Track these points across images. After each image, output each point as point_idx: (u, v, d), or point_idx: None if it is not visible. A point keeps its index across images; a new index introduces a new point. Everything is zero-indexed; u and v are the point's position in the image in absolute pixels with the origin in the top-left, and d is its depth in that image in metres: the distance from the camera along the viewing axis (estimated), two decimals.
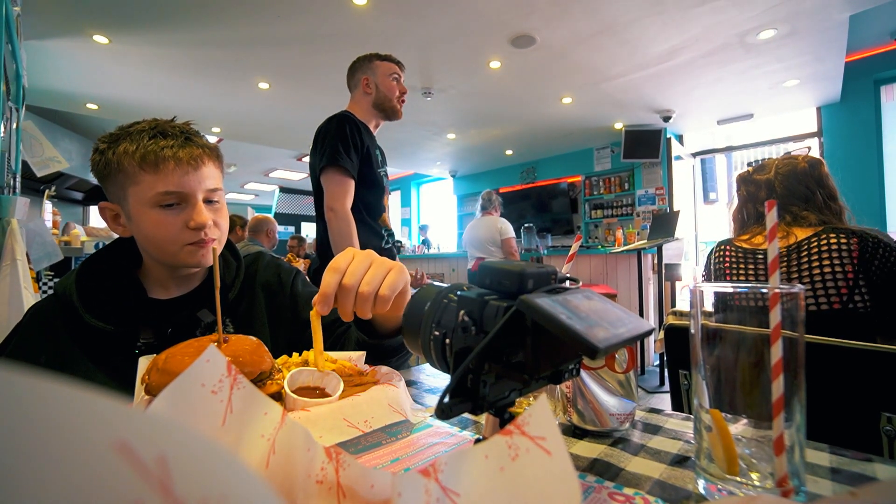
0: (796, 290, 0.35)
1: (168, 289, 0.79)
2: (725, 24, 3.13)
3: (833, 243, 1.07)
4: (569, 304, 0.29)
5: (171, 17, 3.02)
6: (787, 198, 1.21)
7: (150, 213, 0.70)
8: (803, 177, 1.21)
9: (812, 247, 1.10)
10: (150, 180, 0.69)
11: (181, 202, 0.71)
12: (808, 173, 1.21)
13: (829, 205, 1.19)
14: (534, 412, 0.23)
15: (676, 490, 0.38)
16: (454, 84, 4.16)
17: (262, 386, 0.50)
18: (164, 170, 0.69)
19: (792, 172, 1.22)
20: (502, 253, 3.72)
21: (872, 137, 4.39)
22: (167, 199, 0.70)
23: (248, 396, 0.30)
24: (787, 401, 0.33)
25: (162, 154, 0.68)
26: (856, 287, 1.04)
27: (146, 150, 0.68)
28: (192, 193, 0.71)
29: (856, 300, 1.04)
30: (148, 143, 0.69)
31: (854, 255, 1.05)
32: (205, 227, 0.72)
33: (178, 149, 0.70)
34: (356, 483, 0.28)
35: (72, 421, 0.11)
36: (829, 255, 1.07)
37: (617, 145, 5.77)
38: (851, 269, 1.04)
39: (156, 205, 0.70)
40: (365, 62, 1.72)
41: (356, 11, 2.97)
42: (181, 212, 0.71)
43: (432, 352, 0.35)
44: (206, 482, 0.12)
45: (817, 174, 1.21)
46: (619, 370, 0.48)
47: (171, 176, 0.69)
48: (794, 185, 1.21)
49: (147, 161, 0.68)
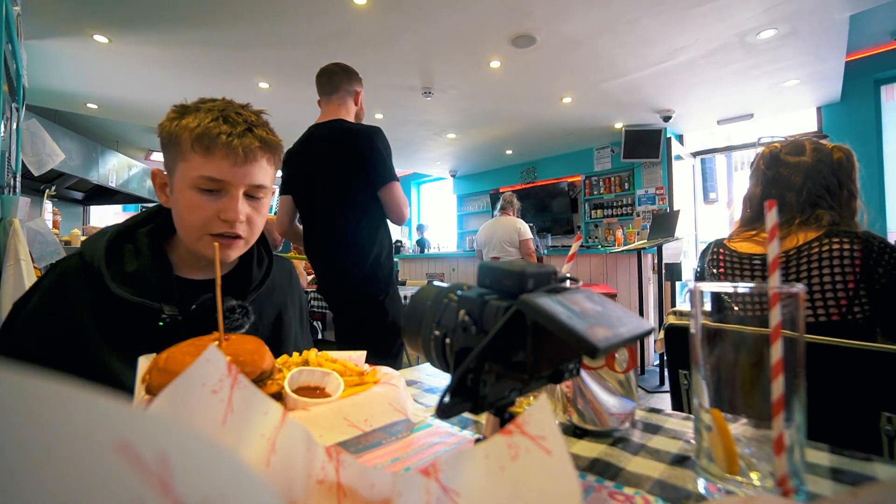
0: (796, 290, 0.35)
1: (195, 268, 0.78)
2: (725, 24, 3.13)
3: (836, 248, 0.99)
4: (569, 303, 0.29)
5: (171, 17, 3.02)
6: (818, 188, 1.08)
7: (189, 193, 0.69)
8: (837, 167, 1.09)
9: (813, 252, 1.02)
10: (199, 161, 0.68)
11: (221, 190, 0.70)
12: (843, 165, 1.09)
13: (850, 203, 1.09)
14: (534, 412, 0.23)
15: (676, 490, 0.38)
16: (454, 84, 4.16)
17: (263, 386, 0.50)
18: (213, 154, 0.67)
19: (828, 160, 1.09)
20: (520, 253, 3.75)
21: (872, 137, 4.39)
22: (208, 185, 0.68)
23: (248, 396, 0.30)
24: (787, 401, 0.33)
25: (217, 139, 0.67)
26: (856, 297, 0.97)
27: (203, 131, 0.67)
28: (233, 184, 0.69)
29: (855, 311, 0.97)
30: (209, 123, 0.68)
31: (857, 261, 0.97)
32: (235, 222, 0.70)
33: (234, 137, 0.68)
34: (356, 482, 0.28)
35: (73, 420, 0.11)
36: (829, 261, 0.99)
37: (617, 145, 5.76)
38: (853, 277, 0.97)
39: (196, 186, 0.68)
40: (357, 76, 1.75)
41: (356, 11, 2.97)
42: (218, 200, 0.70)
43: (432, 351, 0.35)
44: (207, 481, 0.12)
45: (850, 168, 1.10)
46: (619, 370, 0.48)
47: (219, 163, 0.68)
48: (828, 174, 1.08)
49: (201, 142, 0.67)
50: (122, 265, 0.70)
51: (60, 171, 5.01)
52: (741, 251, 1.12)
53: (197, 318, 0.70)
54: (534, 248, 3.75)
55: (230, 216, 0.69)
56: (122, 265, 0.70)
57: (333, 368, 0.56)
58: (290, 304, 0.90)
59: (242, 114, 0.72)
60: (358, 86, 1.75)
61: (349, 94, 1.72)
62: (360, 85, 1.75)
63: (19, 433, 0.10)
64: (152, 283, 0.70)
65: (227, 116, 0.69)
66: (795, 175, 1.10)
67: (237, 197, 0.70)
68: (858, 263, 0.96)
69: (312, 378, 0.55)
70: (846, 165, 1.09)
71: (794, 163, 1.11)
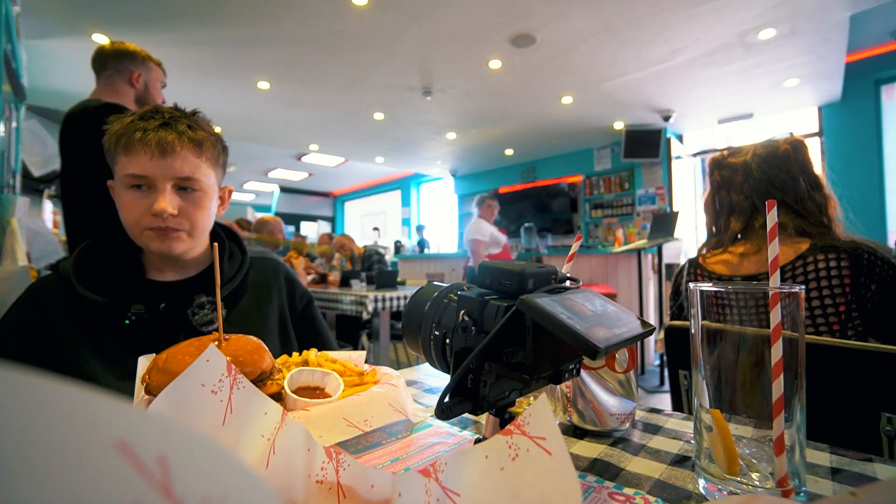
0: (796, 290, 0.35)
1: (164, 272, 0.80)
2: (725, 24, 3.13)
3: (822, 268, 0.91)
4: (569, 304, 0.29)
5: (171, 16, 3.02)
6: (766, 184, 1.03)
7: (123, 194, 0.72)
8: (784, 160, 1.02)
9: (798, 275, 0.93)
10: (124, 162, 0.71)
11: (149, 186, 0.72)
12: (790, 156, 1.02)
13: (813, 195, 1.01)
14: (534, 412, 0.23)
15: (676, 490, 0.38)
16: (454, 84, 4.16)
17: (263, 386, 0.49)
18: (133, 152, 0.70)
19: (772, 155, 1.03)
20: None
21: (873, 137, 4.39)
22: (135, 182, 0.71)
23: (248, 396, 0.30)
24: (787, 401, 0.33)
25: (133, 137, 0.69)
26: (849, 321, 0.89)
27: (122, 132, 0.70)
28: (157, 178, 0.71)
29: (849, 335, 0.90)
30: (128, 124, 0.71)
31: (846, 279, 0.89)
32: (164, 215, 0.71)
33: (150, 132, 0.70)
34: (356, 483, 0.28)
35: (71, 420, 0.11)
36: (817, 283, 0.91)
37: (617, 145, 5.76)
38: (844, 299, 0.89)
39: (127, 186, 0.71)
40: (139, 57, 1.66)
41: (356, 11, 2.97)
42: (147, 196, 0.72)
43: (432, 351, 0.35)
44: (207, 482, 0.12)
45: (801, 157, 1.02)
46: (619, 370, 0.48)
47: (139, 159, 0.70)
48: (774, 169, 1.02)
49: (120, 143, 0.70)
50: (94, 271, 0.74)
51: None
52: (719, 272, 1.05)
53: (164, 317, 0.74)
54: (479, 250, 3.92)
55: (158, 208, 0.71)
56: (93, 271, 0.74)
57: (333, 368, 0.56)
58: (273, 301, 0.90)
59: (162, 110, 0.74)
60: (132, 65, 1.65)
61: (120, 74, 1.64)
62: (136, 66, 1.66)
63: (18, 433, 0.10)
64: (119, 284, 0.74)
65: (145, 115, 0.72)
66: (736, 175, 1.08)
67: (163, 191, 0.71)
68: (848, 283, 0.89)
69: (312, 378, 0.55)
70: (795, 156, 1.03)
71: (735, 163, 1.09)
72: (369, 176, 9.10)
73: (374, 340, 3.09)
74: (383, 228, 9.00)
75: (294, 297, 0.94)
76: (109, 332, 0.71)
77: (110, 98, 1.58)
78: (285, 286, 0.93)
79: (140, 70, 1.67)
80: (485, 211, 4.07)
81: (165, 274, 0.80)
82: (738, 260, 1.03)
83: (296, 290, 0.95)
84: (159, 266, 0.80)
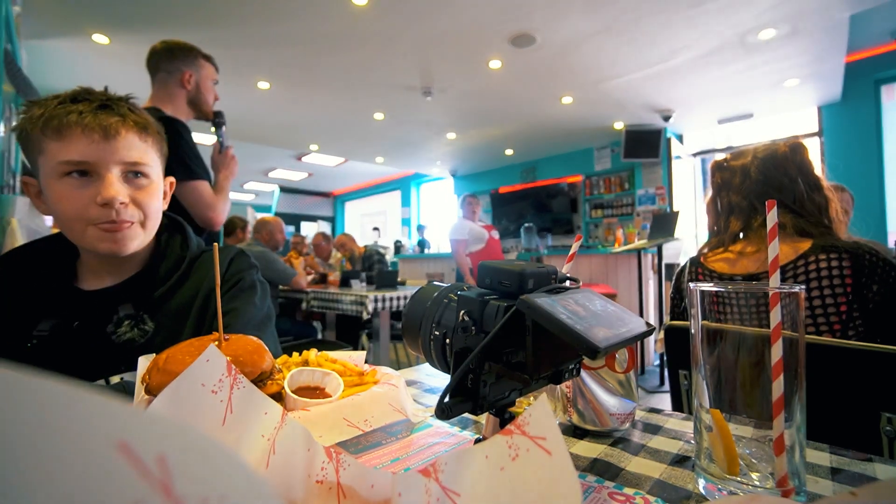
0: (796, 290, 0.35)
1: (100, 277, 0.72)
2: (725, 24, 3.13)
3: (823, 268, 0.92)
4: (569, 304, 0.29)
5: (171, 17, 3.02)
6: (763, 185, 1.05)
7: (56, 186, 0.63)
8: (783, 162, 1.04)
9: (799, 274, 0.94)
10: (55, 148, 0.62)
11: (91, 174, 0.64)
12: (789, 158, 1.04)
13: (812, 196, 1.02)
14: (534, 412, 0.23)
15: (676, 490, 0.38)
16: (454, 84, 4.16)
17: (263, 386, 0.49)
18: (68, 136, 0.62)
19: (771, 157, 1.06)
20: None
21: (873, 137, 4.39)
22: (72, 169, 0.63)
23: (248, 396, 0.30)
24: (787, 401, 0.33)
25: (67, 119, 0.61)
26: (850, 321, 0.90)
27: (50, 115, 0.62)
28: (100, 164, 0.63)
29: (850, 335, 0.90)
30: (56, 107, 0.62)
31: (847, 279, 0.90)
32: (113, 203, 0.63)
33: (87, 114, 0.62)
34: (356, 483, 0.28)
35: (72, 421, 0.11)
36: (818, 282, 0.92)
37: (617, 145, 5.76)
38: (844, 299, 0.90)
39: (61, 175, 0.63)
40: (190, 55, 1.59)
41: (356, 11, 2.97)
42: (89, 185, 0.63)
43: (432, 351, 0.35)
44: (207, 482, 0.12)
45: (799, 159, 1.04)
46: (619, 370, 0.48)
47: (77, 144, 0.62)
48: (771, 171, 1.04)
49: (50, 126, 0.62)
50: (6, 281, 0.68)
51: None
52: (720, 271, 1.07)
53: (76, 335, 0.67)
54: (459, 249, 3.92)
55: (106, 195, 0.63)
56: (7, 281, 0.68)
57: (333, 368, 0.56)
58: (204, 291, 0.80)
59: (94, 93, 0.67)
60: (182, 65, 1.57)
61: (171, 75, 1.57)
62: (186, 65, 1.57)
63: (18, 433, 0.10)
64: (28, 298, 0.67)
65: (76, 97, 0.65)
66: (736, 177, 1.10)
67: (109, 177, 0.64)
68: (850, 283, 0.90)
69: (312, 378, 0.55)
70: (793, 157, 1.04)
71: (736, 166, 1.11)
72: (369, 176, 9.11)
73: (374, 340, 3.09)
74: (383, 228, 9.00)
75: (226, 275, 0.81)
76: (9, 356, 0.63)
77: (165, 105, 1.54)
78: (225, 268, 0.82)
79: (191, 70, 1.60)
80: (466, 209, 4.05)
81: (102, 279, 0.72)
82: (736, 258, 1.05)
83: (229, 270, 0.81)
84: (93, 269, 0.71)
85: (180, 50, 1.60)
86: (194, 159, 1.48)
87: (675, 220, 3.52)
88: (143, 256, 0.76)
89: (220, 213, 1.52)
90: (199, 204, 1.47)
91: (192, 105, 1.63)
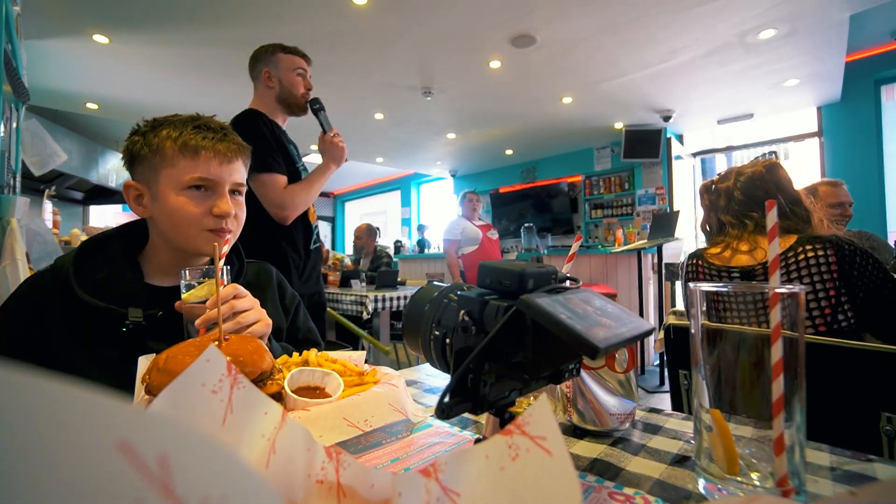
0: (796, 290, 0.35)
1: (168, 275, 0.80)
2: (725, 24, 3.13)
3: (811, 256, 1.01)
4: (569, 304, 0.29)
5: (171, 16, 3.02)
6: (747, 204, 1.17)
7: (179, 196, 0.75)
8: (761, 181, 1.17)
9: (790, 262, 1.03)
10: (187, 165, 0.74)
11: (210, 189, 0.77)
12: (765, 178, 1.17)
13: (794, 209, 1.13)
14: (534, 412, 0.23)
15: (676, 490, 0.38)
16: (454, 84, 4.15)
17: (263, 386, 0.50)
18: (202, 158, 0.75)
19: (750, 178, 1.19)
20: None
21: (872, 137, 4.38)
22: (200, 184, 0.75)
23: (248, 396, 0.30)
24: (787, 401, 0.33)
25: (203, 143, 0.75)
26: (839, 305, 0.99)
27: (188, 138, 0.74)
28: (221, 183, 0.77)
29: (839, 320, 0.98)
30: (191, 132, 0.75)
31: (833, 266, 0.99)
32: (227, 217, 0.77)
33: (217, 142, 0.76)
34: (356, 483, 0.28)
35: (73, 420, 0.11)
36: (807, 270, 1.01)
37: (617, 145, 5.76)
38: (832, 285, 0.99)
39: (187, 188, 0.75)
40: (268, 53, 1.61)
41: (356, 11, 2.97)
42: (207, 198, 0.76)
43: (432, 352, 0.35)
44: (208, 481, 0.12)
45: (775, 178, 1.17)
46: (619, 370, 0.48)
47: (208, 164, 0.75)
48: (752, 191, 1.17)
49: (188, 147, 0.74)
50: (91, 273, 0.74)
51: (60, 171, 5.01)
52: (718, 263, 1.18)
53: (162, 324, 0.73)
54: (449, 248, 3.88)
55: (224, 209, 0.76)
56: (92, 273, 0.74)
57: (333, 368, 0.56)
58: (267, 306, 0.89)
59: (215, 122, 0.81)
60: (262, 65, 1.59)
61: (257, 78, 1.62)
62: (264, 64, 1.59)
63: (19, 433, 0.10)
64: (119, 289, 0.74)
65: (203, 125, 0.77)
66: (721, 199, 1.23)
67: (225, 194, 0.77)
68: (835, 269, 0.99)
69: (312, 378, 0.55)
70: (769, 176, 1.18)
71: (720, 188, 1.25)
72: (369, 176, 9.10)
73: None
74: (383, 228, 9.00)
75: (284, 300, 0.97)
76: (106, 338, 0.70)
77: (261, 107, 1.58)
78: (277, 291, 0.97)
79: (268, 67, 1.59)
80: (466, 206, 3.98)
81: (169, 277, 0.80)
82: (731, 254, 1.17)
83: (286, 293, 0.99)
84: (164, 268, 0.80)
85: (261, 51, 1.62)
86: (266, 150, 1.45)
87: (675, 220, 3.52)
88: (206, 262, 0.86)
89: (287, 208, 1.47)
90: (265, 198, 1.46)
91: (281, 102, 1.61)
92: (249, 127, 1.46)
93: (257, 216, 1.43)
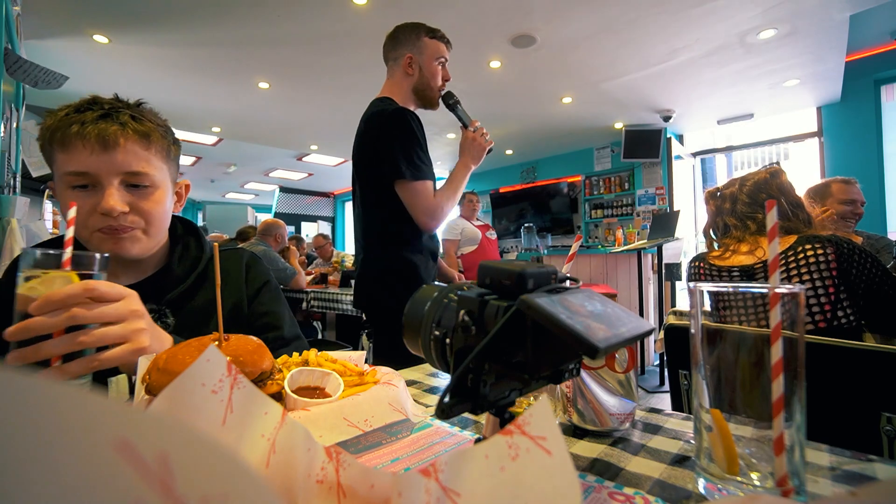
0: (797, 290, 0.35)
1: (117, 276, 0.74)
2: (725, 24, 3.13)
3: (811, 255, 1.04)
4: (569, 303, 0.29)
5: (171, 16, 3.02)
6: (751, 206, 1.22)
7: (65, 195, 0.65)
8: (764, 186, 1.23)
9: (790, 261, 1.07)
10: (62, 159, 0.64)
11: (93, 184, 0.65)
12: (769, 182, 1.22)
13: (797, 213, 1.17)
14: (534, 412, 0.23)
15: (676, 490, 0.38)
16: (454, 84, 4.13)
17: (263, 386, 0.50)
18: (71, 148, 0.63)
19: (754, 183, 1.24)
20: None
21: (872, 137, 4.39)
22: (76, 181, 0.64)
23: (248, 396, 0.30)
24: (787, 401, 0.33)
25: (69, 131, 0.63)
26: (838, 302, 1.01)
27: (57, 126, 0.64)
28: (100, 174, 0.65)
29: (839, 316, 1.01)
30: (62, 118, 0.64)
31: (832, 264, 1.02)
32: (112, 213, 0.65)
33: (88, 125, 0.63)
34: (356, 483, 0.28)
35: (73, 420, 0.11)
36: (807, 268, 1.04)
37: (617, 145, 5.76)
38: (832, 283, 1.02)
39: (68, 186, 0.65)
40: (412, 35, 1.44)
41: (356, 11, 2.97)
42: (92, 195, 0.65)
43: (432, 352, 0.35)
44: (208, 481, 0.12)
45: (777, 183, 1.22)
46: (619, 370, 0.48)
47: (79, 155, 0.63)
48: (756, 194, 1.23)
49: (55, 138, 0.64)
50: None
51: None
52: (719, 264, 1.23)
53: None
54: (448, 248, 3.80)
55: (105, 207, 0.64)
56: None
57: (333, 368, 0.56)
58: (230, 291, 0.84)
59: (101, 101, 0.68)
60: (405, 49, 1.42)
61: (395, 62, 1.44)
62: (408, 48, 1.43)
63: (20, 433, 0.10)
64: None
65: (81, 106, 0.66)
66: (726, 203, 1.28)
67: (109, 187, 0.65)
68: (834, 267, 1.02)
69: (312, 378, 0.55)
70: (773, 181, 1.22)
71: (726, 194, 1.30)
72: None
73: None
74: None
75: (248, 280, 0.87)
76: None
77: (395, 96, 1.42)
78: (243, 273, 0.87)
79: (412, 52, 1.41)
80: (465, 207, 3.95)
81: (117, 277, 0.73)
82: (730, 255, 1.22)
83: (251, 272, 0.87)
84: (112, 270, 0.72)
85: (403, 31, 1.43)
86: (421, 156, 1.33)
87: (675, 220, 3.52)
88: (159, 259, 0.78)
89: (437, 218, 1.35)
90: (415, 208, 1.32)
91: (417, 93, 1.45)
92: (404, 128, 1.31)
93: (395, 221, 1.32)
